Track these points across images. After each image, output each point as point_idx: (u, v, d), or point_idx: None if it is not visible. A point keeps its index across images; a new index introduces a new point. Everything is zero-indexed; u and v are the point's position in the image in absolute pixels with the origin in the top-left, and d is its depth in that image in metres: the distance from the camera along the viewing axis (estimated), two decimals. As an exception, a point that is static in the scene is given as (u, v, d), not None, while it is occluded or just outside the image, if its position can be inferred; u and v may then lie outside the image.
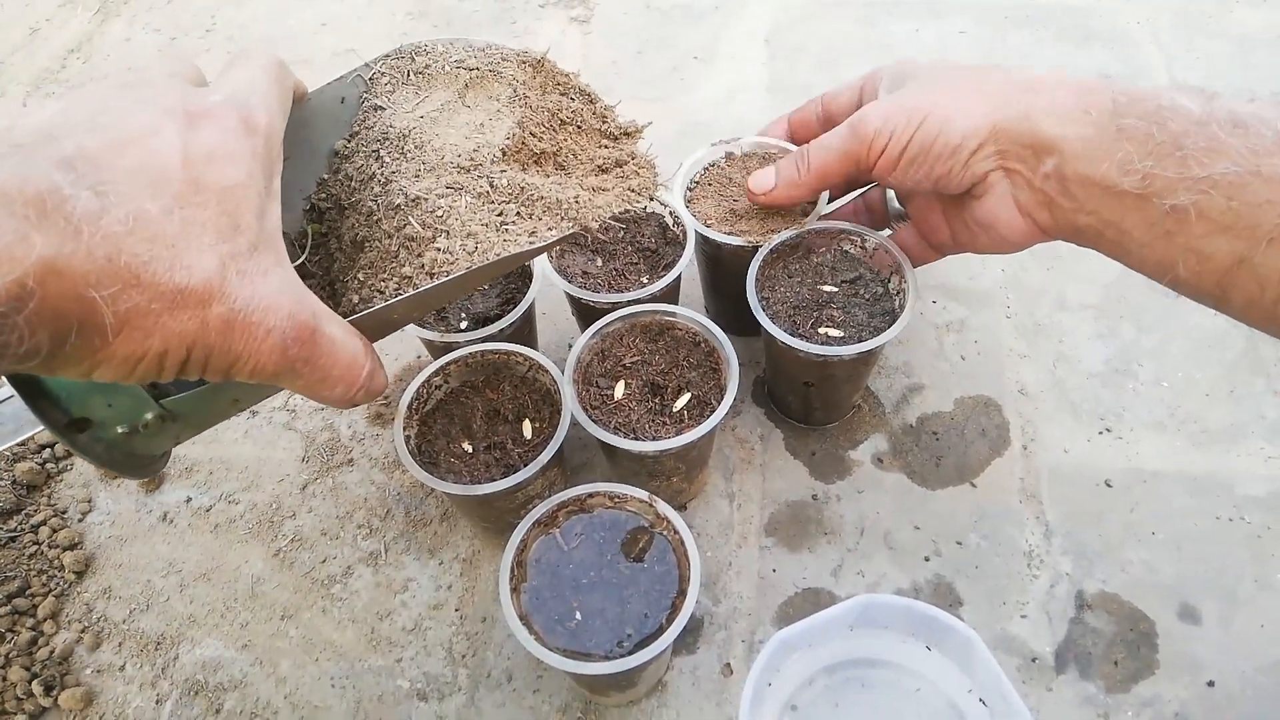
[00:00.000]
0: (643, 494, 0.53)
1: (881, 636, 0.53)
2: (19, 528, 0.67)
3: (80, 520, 0.68)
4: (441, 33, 1.02)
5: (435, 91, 0.48)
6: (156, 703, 0.59)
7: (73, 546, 0.66)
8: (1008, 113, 0.48)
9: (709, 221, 0.64)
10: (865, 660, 0.55)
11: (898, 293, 0.60)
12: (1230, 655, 0.56)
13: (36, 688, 0.59)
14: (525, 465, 0.53)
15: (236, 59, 0.40)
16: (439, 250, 0.41)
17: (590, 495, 0.53)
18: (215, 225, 0.32)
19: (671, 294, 0.64)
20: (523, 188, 0.45)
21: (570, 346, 0.59)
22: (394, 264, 0.42)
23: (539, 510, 0.52)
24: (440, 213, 0.42)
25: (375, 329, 0.41)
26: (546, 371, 0.58)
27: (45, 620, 0.63)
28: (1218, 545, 0.60)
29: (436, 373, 0.58)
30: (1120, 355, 0.70)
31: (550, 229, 0.44)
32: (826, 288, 0.61)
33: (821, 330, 0.59)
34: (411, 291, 0.40)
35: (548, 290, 0.63)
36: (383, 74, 0.48)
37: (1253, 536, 0.60)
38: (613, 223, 0.47)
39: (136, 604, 0.63)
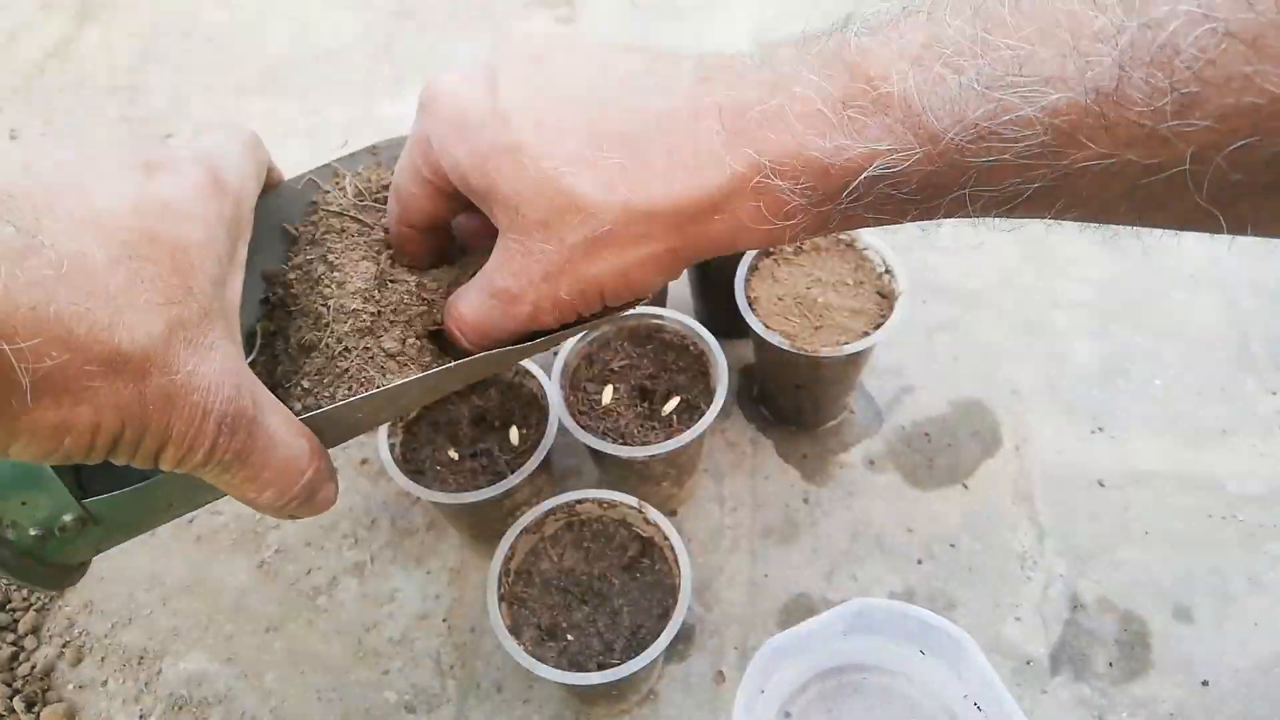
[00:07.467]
0: (632, 500, 0.52)
1: (875, 641, 0.52)
2: (-2, 541, 0.66)
3: (61, 533, 0.67)
4: (425, 34, 1.01)
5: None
6: (140, 718, 0.58)
7: (53, 559, 0.65)
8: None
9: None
10: (859, 665, 0.54)
11: (889, 293, 0.60)
12: (1224, 654, 0.56)
13: (18, 704, 0.58)
14: (512, 472, 0.53)
15: (207, 127, 0.37)
16: None
17: (579, 502, 0.53)
18: (165, 284, 0.28)
19: (659, 297, 0.63)
20: None
21: (557, 351, 0.58)
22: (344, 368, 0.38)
23: (527, 518, 0.52)
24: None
25: (333, 433, 0.37)
26: (533, 377, 0.57)
27: (26, 635, 0.62)
28: (1211, 544, 0.60)
29: (422, 379, 0.58)
30: (1112, 355, 0.70)
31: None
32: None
33: (811, 332, 0.58)
34: (375, 390, 0.36)
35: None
36: (344, 173, 0.45)
37: (1245, 535, 0.60)
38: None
39: (119, 618, 0.62)
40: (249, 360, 0.41)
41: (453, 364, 0.37)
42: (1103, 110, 0.25)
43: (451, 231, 0.42)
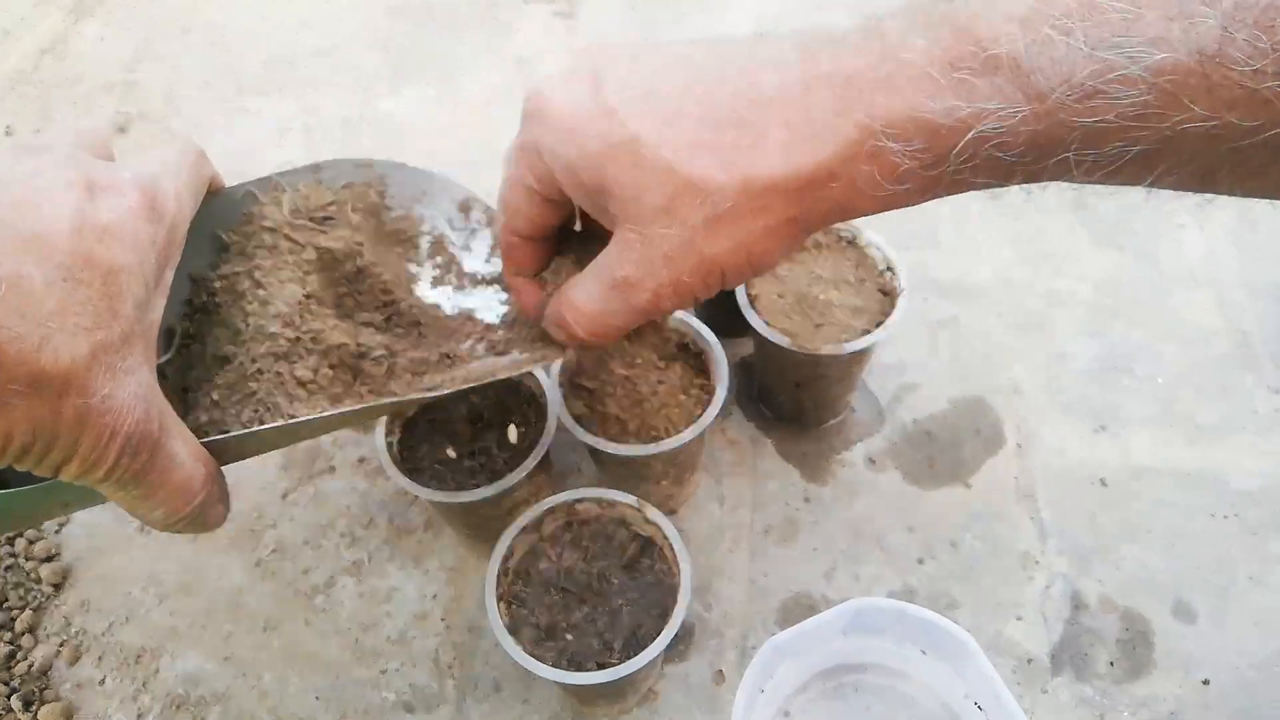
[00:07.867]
0: (632, 499, 0.52)
1: (875, 641, 0.52)
2: (-6, 540, 0.66)
3: (57, 532, 0.66)
4: (423, 31, 1.00)
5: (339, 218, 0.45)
6: (138, 717, 0.58)
7: (50, 558, 0.65)
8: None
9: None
10: (859, 665, 0.54)
11: (890, 291, 0.60)
12: (1225, 652, 0.55)
13: (15, 703, 0.58)
14: (511, 471, 0.52)
15: (160, 140, 0.38)
16: None
17: (578, 501, 0.53)
18: (95, 308, 0.29)
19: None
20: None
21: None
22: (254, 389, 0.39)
23: (526, 517, 0.51)
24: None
25: (230, 456, 0.38)
26: (532, 374, 0.57)
27: (23, 634, 0.61)
28: (1212, 542, 0.60)
29: (420, 378, 0.57)
30: (1113, 352, 0.69)
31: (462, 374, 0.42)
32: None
33: (811, 330, 0.58)
34: (282, 422, 0.37)
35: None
36: (284, 188, 0.45)
37: (1246, 532, 0.60)
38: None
39: (116, 616, 0.62)
40: (165, 359, 0.42)
41: (352, 408, 0.38)
42: (1205, 71, 0.25)
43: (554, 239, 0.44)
